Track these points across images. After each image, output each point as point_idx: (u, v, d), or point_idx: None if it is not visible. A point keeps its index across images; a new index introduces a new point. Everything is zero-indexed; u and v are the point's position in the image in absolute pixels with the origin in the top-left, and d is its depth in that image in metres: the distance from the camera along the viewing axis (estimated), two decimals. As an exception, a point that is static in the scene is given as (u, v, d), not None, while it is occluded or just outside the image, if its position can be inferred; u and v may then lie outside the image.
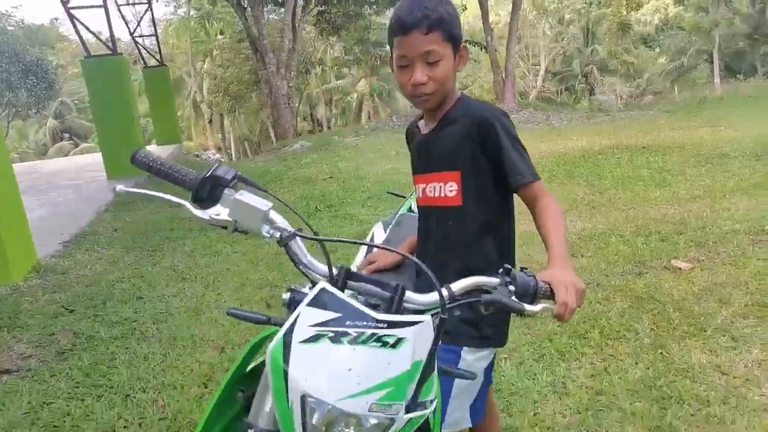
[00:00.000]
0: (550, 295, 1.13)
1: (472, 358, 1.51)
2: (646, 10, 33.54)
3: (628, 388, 2.47)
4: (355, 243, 1.26)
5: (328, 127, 29.66)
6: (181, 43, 30.68)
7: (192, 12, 28.43)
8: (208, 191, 1.09)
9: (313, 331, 0.99)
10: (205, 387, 2.86)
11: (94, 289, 4.37)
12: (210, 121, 31.07)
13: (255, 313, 1.10)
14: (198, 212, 1.08)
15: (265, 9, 14.37)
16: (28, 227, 5.23)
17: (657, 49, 34.19)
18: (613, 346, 2.84)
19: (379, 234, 2.17)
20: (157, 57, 16.41)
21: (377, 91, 28.58)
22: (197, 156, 19.61)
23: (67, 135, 36.92)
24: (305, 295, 1.06)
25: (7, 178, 5.00)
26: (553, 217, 1.34)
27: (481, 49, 18.97)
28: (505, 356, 2.82)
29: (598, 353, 2.79)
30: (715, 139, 8.39)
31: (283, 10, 16.33)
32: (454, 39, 1.40)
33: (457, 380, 1.51)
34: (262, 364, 1.37)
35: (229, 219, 1.08)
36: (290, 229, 1.11)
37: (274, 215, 1.11)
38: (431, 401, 1.05)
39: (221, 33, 28.34)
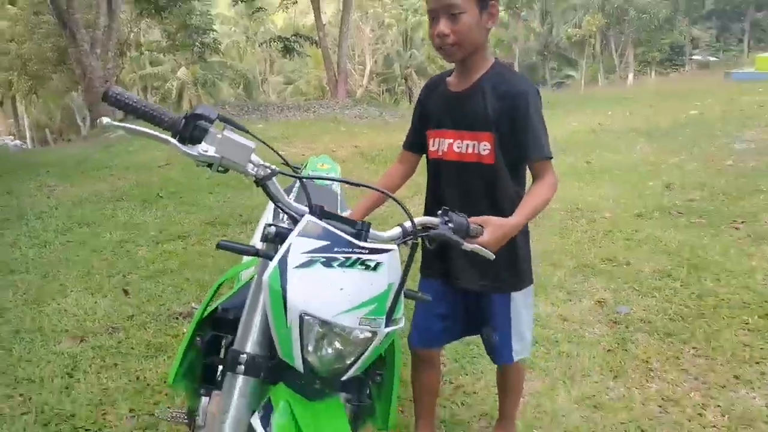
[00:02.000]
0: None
1: (521, 299, 1.76)
2: (457, 20, 36.57)
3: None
4: (336, 181, 1.36)
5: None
6: (-42, 10, 26.04)
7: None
8: (191, 129, 1.09)
9: (306, 258, 1.08)
10: (71, 377, 2.62)
11: None
12: (0, 104, 26.89)
13: (244, 245, 1.14)
14: (186, 149, 1.08)
15: (74, -21, 12.85)
16: None
17: (466, 58, 37.54)
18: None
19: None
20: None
21: (201, 80, 27.25)
22: (-11, 142, 16.95)
23: None
24: (287, 229, 1.14)
25: None
26: (538, 194, 1.55)
27: (312, 44, 19.16)
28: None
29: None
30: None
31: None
32: None
33: (513, 309, 1.76)
34: (213, 312, 1.42)
35: (217, 155, 1.09)
36: (272, 167, 1.16)
37: (254, 156, 1.15)
38: (400, 318, 1.19)
39: (11, 2, 24.66)
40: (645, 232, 4.23)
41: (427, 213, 1.78)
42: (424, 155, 1.83)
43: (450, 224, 1.28)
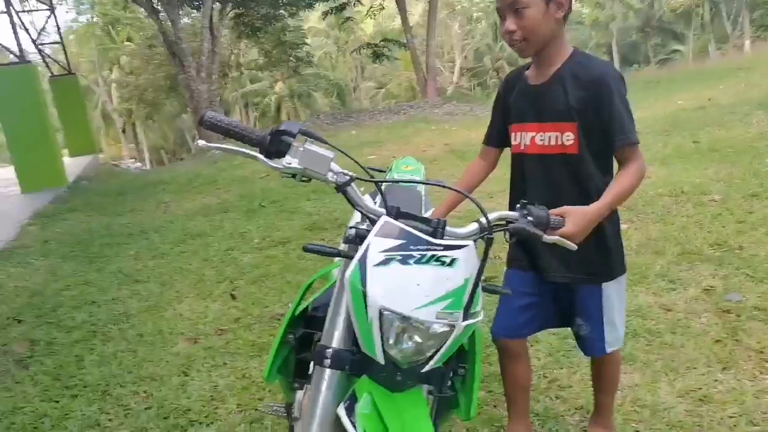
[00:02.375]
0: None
1: (613, 290, 1.72)
2: (548, 6, 35.33)
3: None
4: (411, 182, 1.42)
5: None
6: (85, 50, 29.13)
7: (95, 18, 27.05)
8: (276, 144, 1.19)
9: (383, 256, 1.14)
10: (186, 375, 2.86)
11: (40, 298, 4.18)
12: (123, 131, 29.70)
13: (328, 246, 1.23)
14: (272, 163, 1.20)
15: (180, 12, 13.96)
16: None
17: (560, 43, 36.13)
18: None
19: (369, 202, 2.31)
20: (64, 65, 15.53)
21: (297, 92, 28.44)
22: (116, 165, 18.75)
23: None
24: (366, 230, 1.21)
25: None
26: (622, 181, 1.54)
27: (400, 47, 19.37)
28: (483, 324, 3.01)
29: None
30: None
31: (197, 13, 15.96)
32: None
33: (607, 302, 1.72)
34: (304, 311, 1.52)
35: (300, 167, 1.19)
36: (350, 174, 1.24)
37: (333, 164, 1.23)
38: (479, 312, 1.22)
39: (129, 40, 27.18)
40: (760, 213, 3.87)
41: (511, 208, 1.78)
42: (506, 149, 1.84)
43: (529, 217, 1.29)
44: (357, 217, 2.55)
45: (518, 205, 1.31)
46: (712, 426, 2.02)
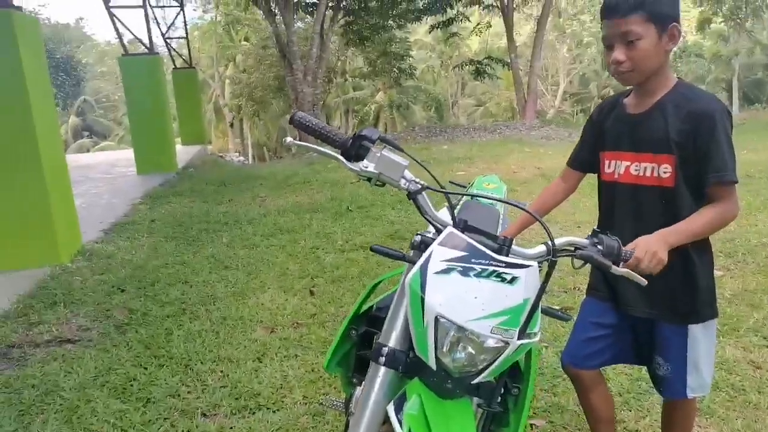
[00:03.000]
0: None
1: (701, 332, 1.65)
2: (666, 35, 33.69)
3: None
4: (483, 197, 1.47)
5: (346, 137, 29.90)
6: (206, 47, 31.25)
7: (219, 17, 28.98)
8: (356, 148, 1.28)
9: (444, 265, 1.19)
10: (260, 362, 3.03)
11: (141, 272, 4.57)
12: (231, 125, 31.52)
13: (394, 249, 1.30)
14: (350, 165, 1.29)
15: (294, 16, 14.67)
16: (75, 211, 5.46)
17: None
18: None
19: (445, 216, 2.37)
20: (186, 59, 16.77)
21: (396, 103, 28.90)
22: (221, 157, 19.94)
23: (87, 133, 37.52)
24: (431, 238, 1.27)
25: (59, 166, 5.24)
26: (703, 215, 1.50)
27: (503, 66, 19.21)
28: (546, 345, 2.98)
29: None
30: (739, 161, 8.49)
31: (310, 18, 16.67)
32: (658, 18, 1.48)
33: (692, 345, 1.65)
34: (369, 309, 1.60)
35: (375, 171, 1.27)
36: (421, 182, 1.30)
37: (407, 172, 1.30)
38: (536, 333, 1.24)
39: (246, 39, 28.85)
40: None
41: None
42: (591, 175, 1.83)
43: (599, 246, 1.29)
44: (432, 229, 2.62)
45: (590, 233, 1.31)
46: (789, 497, 1.89)
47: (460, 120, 33.33)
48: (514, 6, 17.65)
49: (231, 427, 2.47)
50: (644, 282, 1.36)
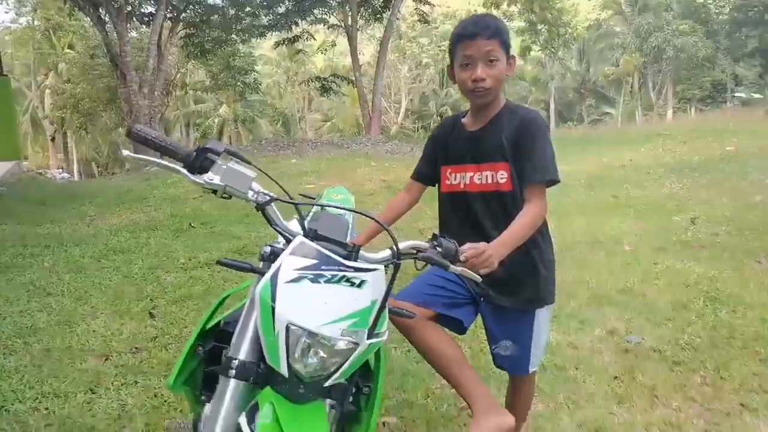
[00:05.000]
0: None
1: (543, 316, 1.83)
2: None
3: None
4: (333, 207, 1.49)
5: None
6: (21, 53, 27.95)
7: (37, 22, 26.10)
8: (201, 161, 1.23)
9: (296, 274, 1.20)
10: (93, 393, 2.75)
11: (-61, 305, 3.92)
12: (53, 139, 28.39)
13: (242, 262, 1.27)
14: (194, 177, 1.23)
15: (128, 26, 13.71)
16: None
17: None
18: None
19: (295, 227, 2.36)
20: (-4, 66, 14.82)
21: (242, 117, 28.25)
22: (40, 174, 17.87)
23: None
24: (281, 249, 1.26)
25: None
26: (523, 219, 1.62)
27: (348, 84, 19.72)
28: (395, 346, 3.08)
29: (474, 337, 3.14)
30: (554, 172, 9.59)
31: (145, 28, 15.73)
32: (506, 48, 1.70)
33: (537, 327, 1.81)
34: (216, 325, 1.53)
35: (221, 183, 1.23)
36: (270, 194, 1.29)
37: (254, 184, 1.28)
38: (384, 332, 1.30)
39: (70, 47, 26.31)
40: (664, 265, 4.19)
41: None
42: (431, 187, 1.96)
43: (438, 248, 1.38)
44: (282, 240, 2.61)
45: (430, 237, 1.40)
46: (603, 457, 2.15)
47: (308, 134, 33.49)
48: (358, 27, 18.23)
49: (59, 469, 2.20)
50: (479, 279, 1.47)
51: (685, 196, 6.60)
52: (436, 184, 1.93)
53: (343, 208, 1.52)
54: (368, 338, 1.22)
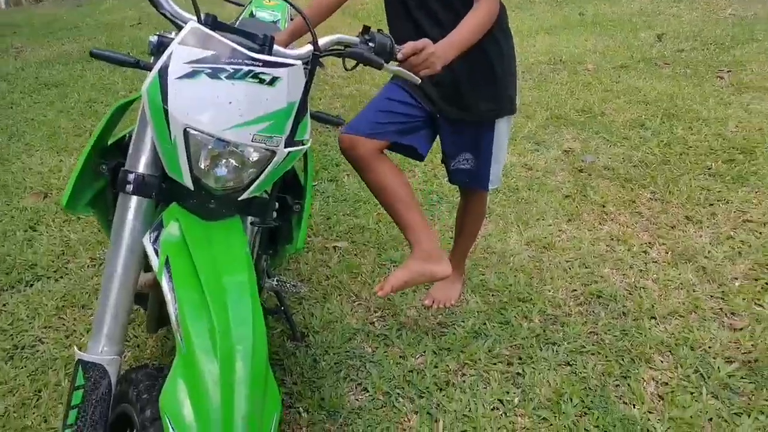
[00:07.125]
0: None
1: (505, 126, 1.71)
2: None
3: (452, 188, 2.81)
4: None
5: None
6: None
7: None
8: None
9: (189, 68, 0.99)
10: (34, 230, 2.65)
11: None
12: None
13: (122, 54, 1.06)
14: None
15: None
16: None
17: None
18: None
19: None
20: None
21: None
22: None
23: None
24: (171, 38, 1.05)
25: None
26: (476, 17, 1.43)
27: None
28: (347, 173, 3.00)
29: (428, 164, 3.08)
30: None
31: None
32: None
33: (497, 139, 1.69)
34: (123, 138, 1.35)
35: None
36: None
37: None
38: (306, 140, 1.14)
39: None
40: (625, 83, 4.07)
41: None
42: None
43: (371, 43, 1.20)
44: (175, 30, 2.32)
45: (360, 31, 1.21)
46: (549, 269, 2.21)
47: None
48: None
49: (4, 304, 2.17)
50: (417, 81, 1.32)
51: (655, 11, 6.28)
52: None
53: None
54: (286, 146, 1.07)
